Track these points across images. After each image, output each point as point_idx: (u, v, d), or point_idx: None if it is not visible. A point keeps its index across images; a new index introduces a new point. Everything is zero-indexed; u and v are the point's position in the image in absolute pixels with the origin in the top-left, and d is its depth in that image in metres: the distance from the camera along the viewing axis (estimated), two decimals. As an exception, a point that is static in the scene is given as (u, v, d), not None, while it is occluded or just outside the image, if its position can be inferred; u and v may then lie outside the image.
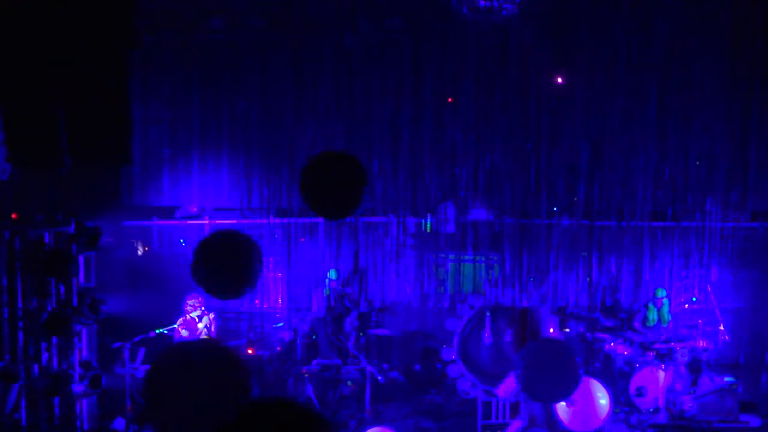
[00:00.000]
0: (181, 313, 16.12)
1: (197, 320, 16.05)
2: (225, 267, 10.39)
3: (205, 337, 15.97)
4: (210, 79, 17.93)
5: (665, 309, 17.27)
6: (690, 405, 15.74)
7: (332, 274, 17.86)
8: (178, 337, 15.83)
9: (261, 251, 10.40)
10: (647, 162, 18.10)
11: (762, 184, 18.30)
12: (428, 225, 18.61)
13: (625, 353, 17.13)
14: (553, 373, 14.17)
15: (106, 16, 9.32)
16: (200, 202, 18.52)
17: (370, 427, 14.88)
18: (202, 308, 16.12)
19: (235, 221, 18.54)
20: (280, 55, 17.92)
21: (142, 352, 15.16)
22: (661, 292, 17.29)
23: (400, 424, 15.83)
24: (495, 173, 18.25)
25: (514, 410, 16.07)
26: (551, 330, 16.45)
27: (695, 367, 16.25)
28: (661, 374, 16.08)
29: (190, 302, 16.09)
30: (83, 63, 11.59)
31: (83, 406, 14.40)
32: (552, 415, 15.08)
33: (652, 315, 17.24)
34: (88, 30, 10.44)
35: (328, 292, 17.31)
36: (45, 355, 13.51)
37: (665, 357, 16.41)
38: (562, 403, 14.82)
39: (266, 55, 17.99)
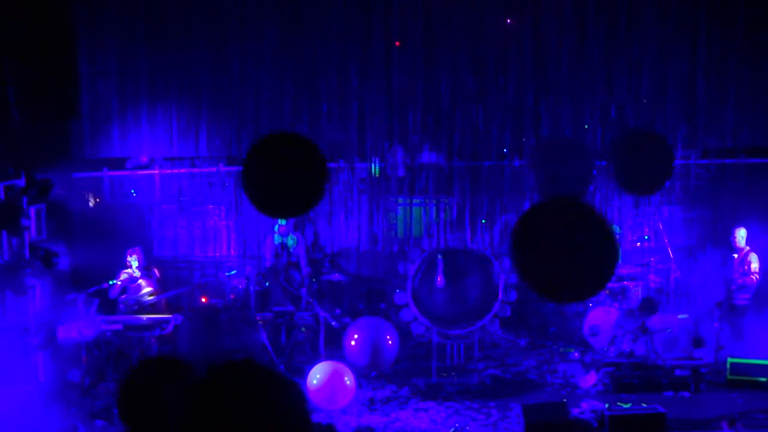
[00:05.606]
0: (123, 266, 16.13)
1: (137, 275, 16.06)
2: (284, 178, 8.81)
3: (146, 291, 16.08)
4: (156, 30, 17.84)
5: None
6: (641, 344, 15.81)
7: (281, 220, 17.68)
8: (117, 290, 15.86)
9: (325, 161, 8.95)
10: (596, 101, 18.21)
11: (712, 122, 18.45)
12: (377, 169, 18.61)
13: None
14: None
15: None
16: (150, 152, 18.45)
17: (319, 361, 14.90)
18: (142, 264, 16.17)
19: (185, 170, 18.52)
20: (225, 3, 17.85)
21: (95, 304, 15.16)
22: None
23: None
24: (444, 116, 18.30)
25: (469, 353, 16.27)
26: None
27: (648, 306, 16.30)
28: (614, 313, 16.20)
29: (130, 257, 16.09)
30: (28, 17, 11.53)
31: (39, 359, 14.37)
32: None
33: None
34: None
35: (279, 240, 17.18)
36: (-1, 309, 13.46)
37: (618, 296, 16.56)
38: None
39: (211, 4, 17.92)
